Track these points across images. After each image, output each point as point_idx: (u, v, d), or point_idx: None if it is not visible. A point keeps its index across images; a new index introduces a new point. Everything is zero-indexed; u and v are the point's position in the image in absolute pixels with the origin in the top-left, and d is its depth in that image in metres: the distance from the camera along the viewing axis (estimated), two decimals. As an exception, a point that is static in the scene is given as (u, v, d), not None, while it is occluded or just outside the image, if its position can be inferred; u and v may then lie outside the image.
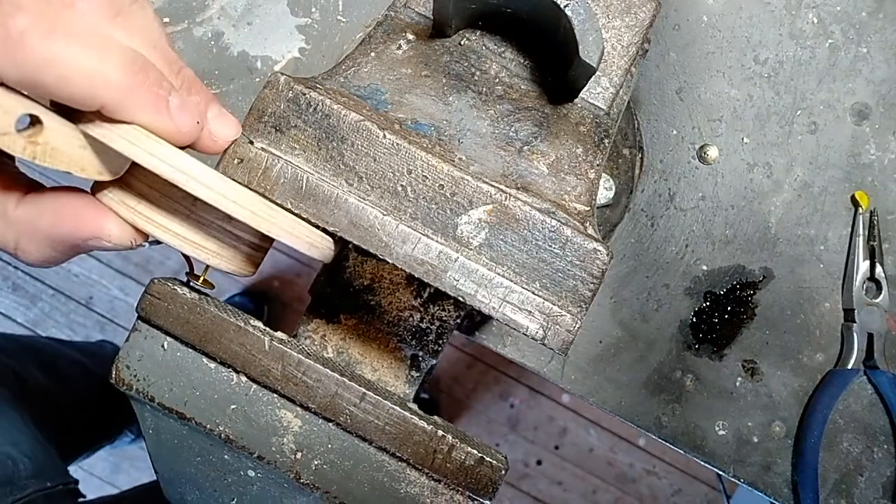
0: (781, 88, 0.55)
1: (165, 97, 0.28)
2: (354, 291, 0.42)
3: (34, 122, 0.27)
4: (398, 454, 0.33)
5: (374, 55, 0.38)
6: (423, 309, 0.42)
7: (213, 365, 0.33)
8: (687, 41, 0.56)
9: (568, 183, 0.36)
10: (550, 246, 0.33)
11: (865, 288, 0.54)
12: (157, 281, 0.33)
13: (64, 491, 0.77)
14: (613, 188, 0.53)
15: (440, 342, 0.42)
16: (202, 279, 0.35)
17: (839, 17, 0.55)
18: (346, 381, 0.32)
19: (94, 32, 0.26)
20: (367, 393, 0.32)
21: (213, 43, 0.55)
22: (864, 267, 0.54)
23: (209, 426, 0.33)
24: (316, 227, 0.33)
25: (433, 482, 0.33)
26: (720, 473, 0.56)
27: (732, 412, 0.55)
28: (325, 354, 0.40)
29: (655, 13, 0.41)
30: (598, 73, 0.39)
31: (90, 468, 1.62)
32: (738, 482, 0.55)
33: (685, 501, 1.69)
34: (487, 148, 0.36)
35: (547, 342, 0.32)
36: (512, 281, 0.32)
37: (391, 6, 0.41)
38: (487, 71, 0.39)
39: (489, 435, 1.67)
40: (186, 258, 0.34)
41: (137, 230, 0.31)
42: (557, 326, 0.32)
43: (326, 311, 0.42)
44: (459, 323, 0.43)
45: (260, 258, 0.35)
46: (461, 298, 0.32)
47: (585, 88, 0.39)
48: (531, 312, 0.32)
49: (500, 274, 0.32)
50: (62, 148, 0.28)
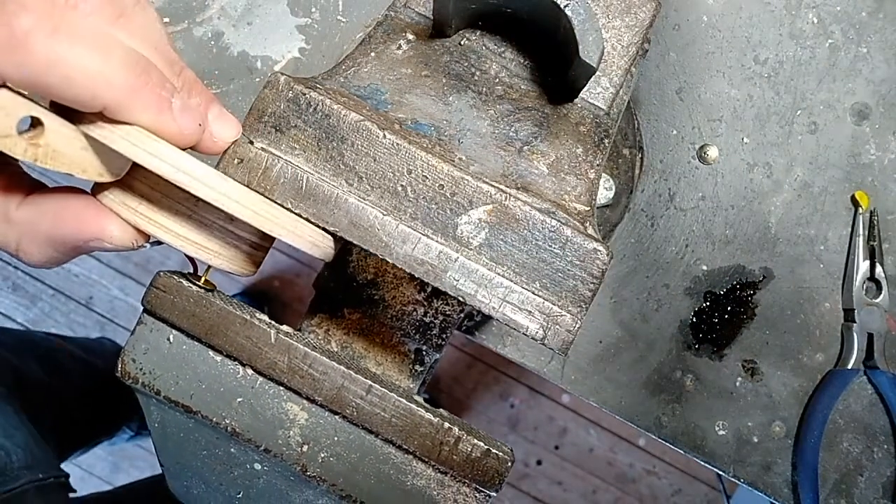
0: (781, 88, 0.55)
1: (168, 98, 0.28)
2: (358, 286, 0.42)
3: (35, 123, 0.27)
4: (404, 446, 0.32)
5: (374, 55, 0.38)
6: (426, 303, 0.42)
7: (219, 358, 0.33)
8: (687, 41, 0.56)
9: (568, 183, 0.36)
10: (550, 246, 0.33)
11: (865, 288, 0.54)
12: (162, 274, 0.33)
13: (56, 484, 0.77)
14: (613, 188, 0.53)
15: (444, 336, 0.42)
16: (204, 279, 0.35)
17: (839, 17, 0.55)
18: (352, 373, 0.32)
19: (97, 33, 0.26)
20: (373, 385, 0.32)
21: (213, 43, 0.55)
22: (864, 267, 0.54)
23: (215, 419, 0.33)
24: (316, 226, 0.33)
25: (440, 474, 0.33)
26: (720, 473, 0.56)
27: (732, 412, 0.55)
28: (329, 349, 0.40)
29: (655, 13, 0.41)
30: (598, 73, 0.39)
31: (90, 467, 1.62)
32: (738, 482, 0.55)
33: (685, 501, 1.69)
34: (487, 148, 0.36)
35: (547, 342, 0.32)
36: (512, 281, 0.32)
37: (391, 6, 0.41)
38: (487, 71, 0.39)
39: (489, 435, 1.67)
40: (188, 258, 0.34)
41: (139, 231, 0.31)
42: (557, 326, 0.32)
43: (330, 305, 0.42)
44: (461, 320, 0.43)
45: (261, 258, 0.35)
46: (461, 298, 0.32)
47: (585, 88, 0.39)
48: (531, 312, 0.32)
49: (500, 274, 0.32)
50: (63, 150, 0.28)
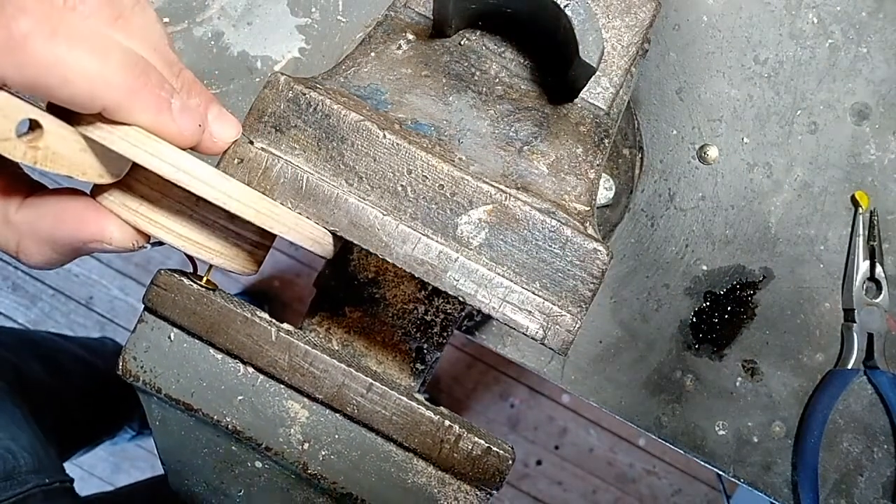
0: (781, 88, 0.55)
1: (167, 99, 0.28)
2: (359, 284, 0.42)
3: (34, 126, 0.27)
4: (405, 444, 0.32)
5: (374, 55, 0.38)
6: (427, 301, 0.42)
7: (219, 356, 0.33)
8: (687, 41, 0.56)
9: (568, 183, 0.36)
10: (550, 246, 0.33)
11: (865, 288, 0.54)
12: (163, 272, 0.33)
13: (61, 488, 0.77)
14: (613, 188, 0.53)
15: (445, 335, 0.42)
16: (205, 279, 0.35)
17: (839, 17, 0.55)
18: (352, 371, 0.32)
19: (95, 35, 0.26)
20: (373, 383, 0.32)
21: (213, 43, 0.55)
22: (864, 267, 0.54)
23: (216, 417, 0.33)
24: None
25: (440, 472, 0.33)
26: (720, 473, 0.56)
27: (732, 412, 0.55)
28: (330, 347, 0.40)
29: (655, 13, 0.41)
30: (598, 73, 0.39)
31: (90, 468, 1.62)
32: (738, 482, 0.55)
33: (685, 501, 1.69)
34: (487, 148, 0.36)
35: (547, 342, 0.32)
36: (512, 281, 0.32)
37: (391, 6, 0.41)
38: (487, 71, 0.39)
39: (489, 435, 1.67)
40: (189, 258, 0.34)
41: (139, 232, 0.31)
42: (557, 326, 0.32)
43: (331, 304, 0.42)
44: (461, 319, 0.43)
45: (262, 256, 0.35)
46: (461, 298, 0.32)
47: (585, 88, 0.39)
48: (531, 312, 0.32)
49: (500, 274, 0.32)
50: (63, 152, 0.28)
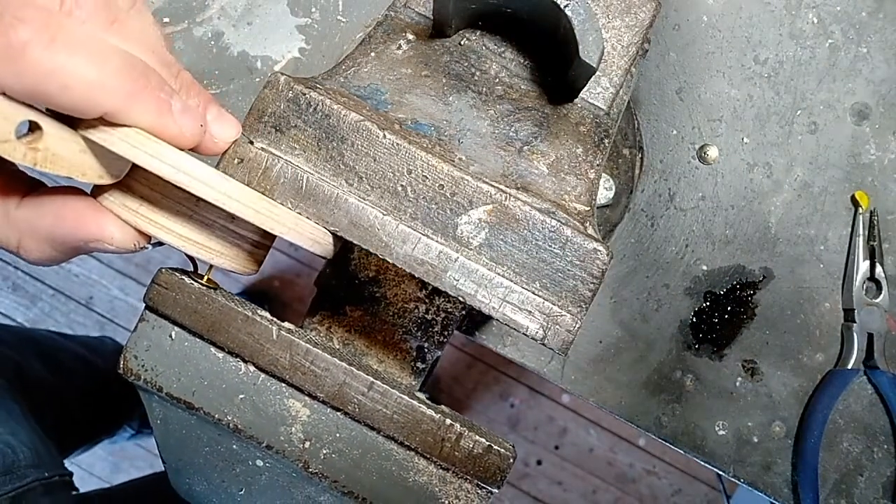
0: (781, 88, 0.55)
1: (167, 101, 0.28)
2: (360, 283, 0.42)
3: (34, 128, 0.27)
4: (406, 443, 0.32)
5: (374, 55, 0.38)
6: (428, 300, 0.42)
7: (220, 354, 0.33)
8: (687, 41, 0.56)
9: (568, 183, 0.36)
10: (550, 246, 0.33)
11: (865, 288, 0.54)
12: (164, 271, 0.33)
13: (61, 482, 0.77)
14: (613, 188, 0.53)
15: (445, 333, 0.42)
16: (206, 278, 0.35)
17: (839, 17, 0.55)
18: (353, 370, 0.32)
19: (93, 41, 0.26)
20: (374, 382, 0.32)
21: (213, 43, 0.55)
22: (864, 267, 0.54)
23: (217, 416, 0.33)
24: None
25: (441, 471, 0.33)
26: (720, 473, 0.56)
27: (732, 412, 0.55)
28: (331, 346, 0.40)
29: (655, 13, 0.41)
30: (598, 73, 0.39)
31: (90, 467, 1.62)
32: (738, 482, 0.55)
33: (685, 501, 1.69)
34: (487, 148, 0.36)
35: (547, 342, 0.32)
36: (512, 281, 0.32)
37: (391, 6, 0.41)
38: (487, 71, 0.39)
39: (489, 435, 1.66)
40: (190, 258, 0.34)
41: (140, 232, 0.31)
42: (557, 326, 0.32)
43: (332, 303, 0.42)
44: (461, 319, 0.43)
45: (262, 256, 0.35)
46: (461, 298, 0.32)
47: (585, 88, 0.39)
48: (531, 312, 0.32)
49: (500, 274, 0.32)
50: (62, 153, 0.28)
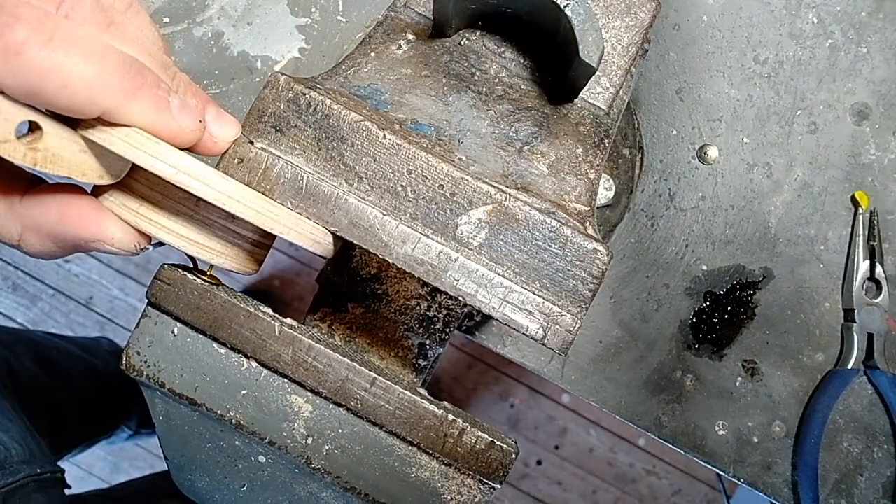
0: (781, 88, 0.55)
1: (165, 98, 0.28)
2: (361, 280, 0.42)
3: (33, 128, 0.27)
4: (409, 438, 0.32)
5: (374, 55, 0.38)
6: (430, 298, 0.42)
7: (223, 350, 0.33)
8: (687, 41, 0.56)
9: (568, 183, 0.36)
10: (550, 246, 0.33)
11: (865, 288, 0.54)
12: (167, 267, 0.33)
13: (53, 479, 0.77)
14: (613, 188, 0.53)
15: (447, 330, 0.42)
16: (209, 273, 0.35)
17: (839, 17, 0.55)
18: (356, 365, 0.32)
19: (90, 41, 0.26)
20: (377, 378, 0.32)
21: (213, 43, 0.55)
22: (864, 267, 0.54)
23: (220, 412, 0.33)
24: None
25: (444, 466, 0.33)
26: (720, 473, 0.56)
27: (732, 412, 0.55)
28: (333, 342, 0.40)
29: (655, 13, 0.41)
30: (598, 73, 0.39)
31: (89, 467, 1.62)
32: (738, 482, 0.55)
33: (685, 501, 1.69)
34: (487, 148, 0.36)
35: (547, 342, 0.32)
36: (512, 281, 0.32)
37: (391, 6, 0.41)
38: (487, 71, 0.39)
39: (489, 435, 1.66)
40: (190, 258, 0.34)
41: (140, 232, 0.31)
42: (557, 326, 0.32)
43: (333, 300, 0.42)
44: (463, 316, 0.43)
45: (263, 256, 0.35)
46: (461, 298, 0.32)
47: (585, 88, 0.39)
48: (531, 312, 0.32)
49: (500, 274, 0.32)
50: (62, 153, 0.28)
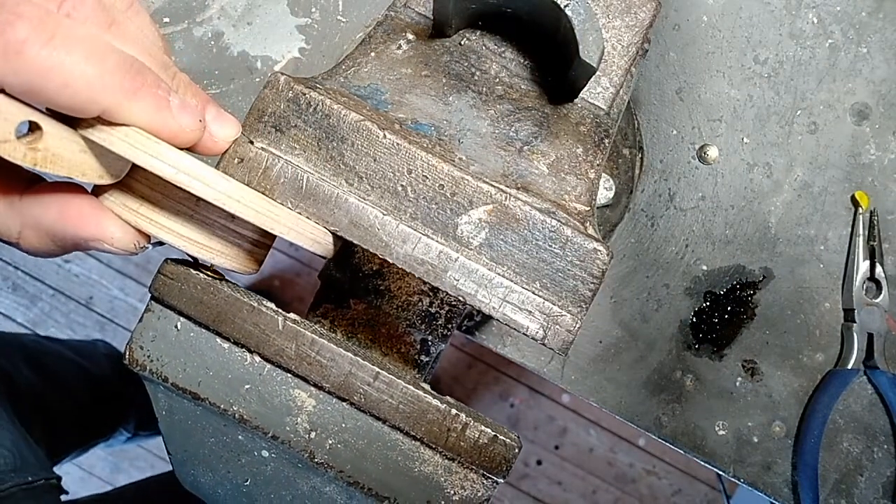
0: (781, 88, 0.55)
1: (165, 97, 0.28)
2: (363, 276, 0.42)
3: (33, 128, 0.27)
4: (412, 433, 0.32)
5: (374, 55, 0.38)
6: (432, 293, 0.42)
7: (226, 345, 0.33)
8: (687, 41, 0.56)
9: (568, 183, 0.36)
10: (550, 246, 0.33)
11: (865, 288, 0.54)
12: (170, 261, 0.33)
13: (46, 486, 0.76)
14: (613, 188, 0.53)
15: (449, 326, 0.41)
16: (211, 268, 0.35)
17: (839, 17, 0.55)
18: (359, 360, 0.32)
19: (91, 40, 0.26)
20: (380, 372, 0.32)
21: (213, 43, 0.55)
22: (864, 267, 0.54)
23: (223, 406, 0.33)
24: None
25: (447, 461, 0.33)
26: (720, 473, 0.56)
27: (732, 412, 0.55)
28: (335, 338, 0.40)
29: (655, 13, 0.41)
30: (598, 73, 0.39)
31: (90, 468, 1.62)
32: (738, 482, 0.55)
33: (685, 501, 1.68)
34: (487, 148, 0.36)
35: (547, 342, 0.32)
36: (512, 281, 0.32)
37: (391, 6, 0.41)
38: (487, 71, 0.39)
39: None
40: (190, 258, 0.34)
41: (140, 232, 0.31)
42: (557, 326, 0.32)
43: (335, 295, 0.42)
44: (464, 314, 0.43)
45: (263, 255, 0.35)
46: (461, 298, 0.32)
47: (585, 88, 0.39)
48: (531, 312, 0.32)
49: (500, 274, 0.32)
50: (62, 153, 0.28)
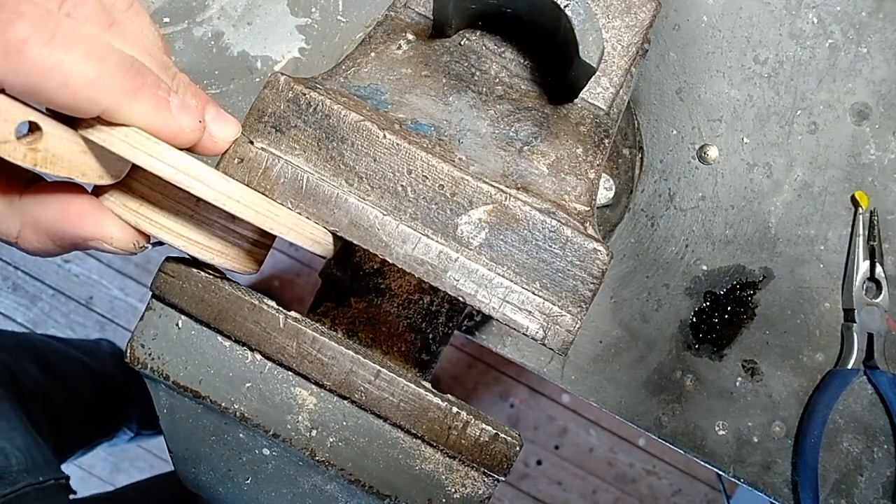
0: (781, 88, 0.55)
1: (165, 98, 0.28)
2: (364, 275, 0.41)
3: (33, 128, 0.27)
4: (413, 431, 0.32)
5: (374, 55, 0.38)
6: (433, 292, 0.41)
7: (227, 343, 0.33)
8: (687, 41, 0.56)
9: (568, 183, 0.36)
10: (550, 246, 0.33)
11: (865, 288, 0.54)
12: (171, 259, 0.33)
13: (56, 486, 0.76)
14: (613, 188, 0.53)
15: (450, 325, 0.41)
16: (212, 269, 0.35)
17: (839, 17, 0.55)
18: (360, 358, 0.32)
19: (91, 40, 0.26)
20: (381, 370, 0.32)
21: (213, 43, 0.55)
22: (864, 267, 0.54)
23: (224, 404, 0.32)
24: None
25: (448, 459, 0.33)
26: (720, 473, 0.56)
27: (732, 412, 0.55)
28: (336, 336, 0.40)
29: (655, 13, 0.41)
30: (598, 73, 0.39)
31: (90, 468, 1.62)
32: (738, 482, 0.55)
33: (685, 501, 1.69)
34: (487, 148, 0.36)
35: (547, 342, 0.32)
36: (512, 281, 0.32)
37: (391, 6, 0.41)
38: (487, 71, 0.39)
39: (489, 435, 1.66)
40: (190, 258, 0.34)
41: (140, 232, 0.31)
42: (557, 326, 0.32)
43: (336, 294, 0.41)
44: (464, 315, 0.43)
45: (263, 255, 0.35)
46: (461, 298, 0.32)
47: (585, 88, 0.39)
48: (531, 312, 0.32)
49: (500, 274, 0.32)
50: (62, 154, 0.28)
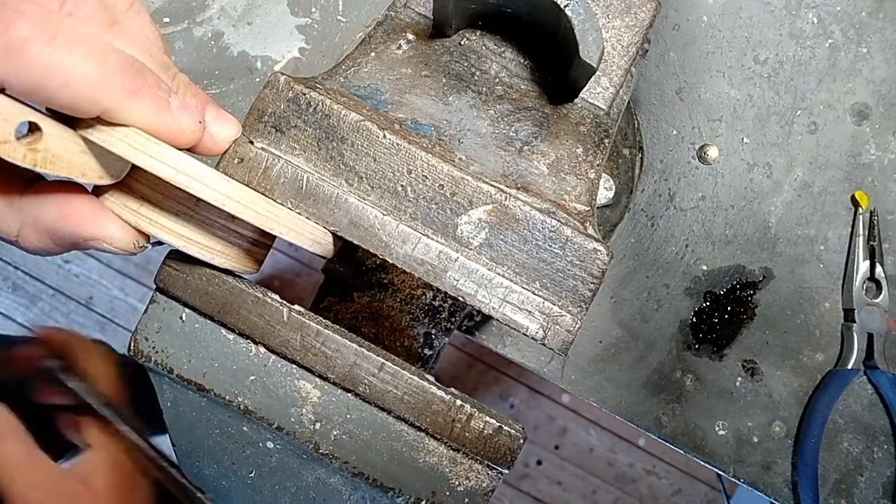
0: (781, 88, 0.55)
1: (165, 98, 0.28)
2: (367, 270, 0.41)
3: (33, 129, 0.27)
4: (417, 423, 0.32)
5: (374, 55, 0.38)
6: (435, 287, 0.42)
7: (231, 336, 0.33)
8: (687, 41, 0.56)
9: (568, 183, 0.36)
10: (550, 246, 0.33)
11: (865, 288, 0.54)
12: (174, 253, 0.33)
13: None
14: (613, 188, 0.53)
15: (453, 320, 0.41)
16: None
17: (839, 17, 0.55)
18: (364, 350, 0.32)
19: (92, 39, 0.26)
20: (385, 363, 0.32)
21: (213, 43, 0.55)
22: (864, 267, 0.54)
23: (228, 397, 0.33)
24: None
25: (452, 451, 0.33)
26: (720, 473, 0.56)
27: (732, 412, 0.55)
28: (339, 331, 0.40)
29: (655, 13, 0.41)
30: (598, 73, 0.39)
31: (90, 468, 1.62)
32: (738, 482, 0.55)
33: (685, 501, 1.69)
34: (487, 148, 0.36)
35: (547, 342, 0.32)
36: (512, 281, 0.32)
37: (391, 6, 0.41)
38: (487, 71, 0.39)
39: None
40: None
41: (140, 232, 0.31)
42: (557, 326, 0.32)
43: (339, 289, 0.41)
44: (464, 313, 0.43)
45: (263, 255, 0.35)
46: (461, 298, 0.32)
47: (585, 88, 0.39)
48: (531, 312, 0.32)
49: (500, 274, 0.32)
50: (62, 154, 0.28)
